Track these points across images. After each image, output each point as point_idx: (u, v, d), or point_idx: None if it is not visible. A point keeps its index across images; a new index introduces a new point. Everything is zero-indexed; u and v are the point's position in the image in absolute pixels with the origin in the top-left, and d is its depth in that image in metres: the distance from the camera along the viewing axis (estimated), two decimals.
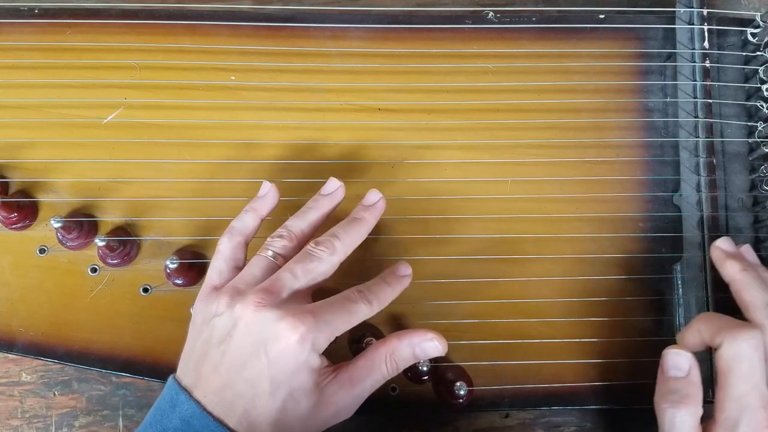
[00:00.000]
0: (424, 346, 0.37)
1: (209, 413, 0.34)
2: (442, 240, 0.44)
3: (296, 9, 0.50)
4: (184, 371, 0.36)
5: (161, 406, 0.35)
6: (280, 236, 0.38)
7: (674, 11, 0.47)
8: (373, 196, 0.41)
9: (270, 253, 0.38)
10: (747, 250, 0.42)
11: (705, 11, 0.46)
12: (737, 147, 0.46)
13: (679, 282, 0.43)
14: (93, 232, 0.44)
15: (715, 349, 0.36)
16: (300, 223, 0.39)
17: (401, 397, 0.42)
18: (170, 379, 0.36)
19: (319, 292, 0.38)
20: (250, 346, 0.34)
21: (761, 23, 0.46)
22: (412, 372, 0.41)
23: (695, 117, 0.45)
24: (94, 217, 0.44)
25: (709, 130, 0.44)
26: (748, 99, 0.46)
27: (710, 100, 0.45)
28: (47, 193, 0.44)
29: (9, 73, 0.46)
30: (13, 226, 0.43)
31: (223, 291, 0.36)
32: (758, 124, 0.45)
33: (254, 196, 0.41)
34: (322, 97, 0.46)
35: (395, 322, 0.43)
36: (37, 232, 0.44)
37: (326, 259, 0.37)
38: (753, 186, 0.45)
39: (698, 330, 0.38)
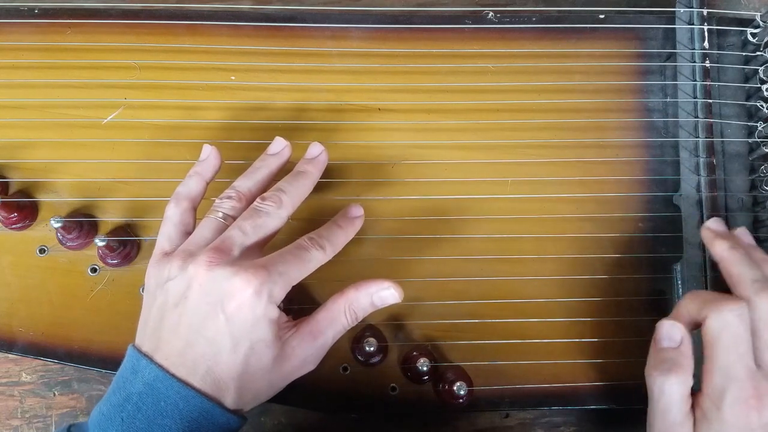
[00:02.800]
0: (381, 294, 0.37)
1: (172, 375, 0.34)
2: (442, 240, 0.44)
3: (296, 9, 0.50)
4: (142, 339, 0.36)
5: (123, 374, 0.35)
6: (229, 197, 0.39)
7: (674, 11, 0.47)
8: (316, 149, 0.41)
9: (220, 214, 0.38)
10: (742, 232, 0.42)
11: (705, 11, 0.46)
12: (737, 147, 0.46)
13: (679, 282, 0.43)
14: (93, 232, 0.44)
15: (702, 324, 0.37)
16: (248, 182, 0.39)
17: (401, 397, 0.42)
18: (129, 348, 0.36)
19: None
20: (206, 305, 0.34)
21: (761, 23, 0.46)
22: (412, 372, 0.41)
23: (695, 117, 0.45)
24: (94, 217, 0.44)
25: (709, 130, 0.44)
26: (748, 99, 0.46)
27: (710, 100, 0.45)
28: (47, 193, 0.44)
29: (9, 73, 0.46)
30: (13, 226, 0.43)
31: (175, 255, 0.36)
32: (758, 124, 0.45)
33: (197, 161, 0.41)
34: (322, 97, 0.46)
35: (396, 321, 0.43)
36: (37, 232, 0.44)
37: (274, 214, 0.37)
38: (753, 186, 0.45)
39: (687, 307, 0.38)
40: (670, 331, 0.38)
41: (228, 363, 0.34)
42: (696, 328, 0.38)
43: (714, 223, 0.42)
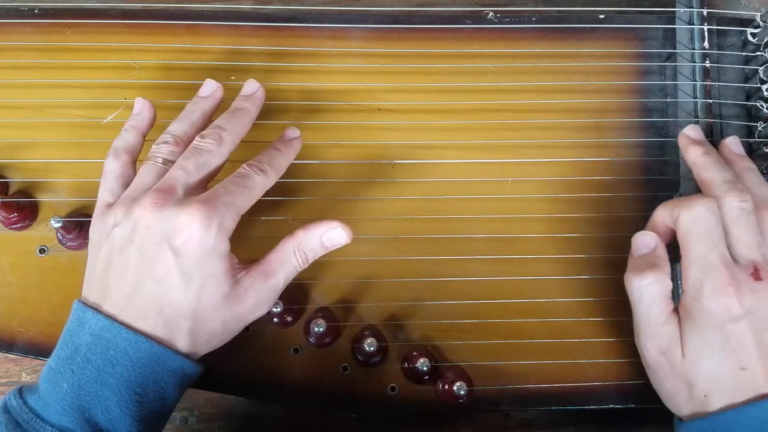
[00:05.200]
0: (330, 234, 0.37)
1: (120, 322, 0.34)
2: (442, 240, 0.44)
3: (296, 9, 0.51)
4: (88, 290, 0.36)
5: (69, 328, 0.35)
6: (165, 142, 0.38)
7: (674, 11, 0.47)
8: (252, 85, 0.41)
9: (159, 159, 0.38)
10: (732, 141, 0.42)
11: (705, 11, 0.46)
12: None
13: (679, 282, 0.43)
14: None
15: (676, 225, 0.38)
16: (182, 126, 0.39)
17: (401, 397, 0.42)
18: (74, 302, 0.36)
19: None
20: (153, 245, 0.34)
21: (761, 23, 0.46)
22: (412, 372, 0.41)
23: (695, 117, 0.45)
24: None
25: (709, 130, 0.44)
26: (748, 99, 0.46)
27: (710, 100, 0.45)
28: (47, 193, 0.44)
29: (9, 73, 0.46)
30: (13, 226, 0.43)
31: (118, 203, 0.36)
32: (758, 124, 0.45)
33: (131, 115, 0.41)
34: (322, 97, 0.46)
35: (396, 321, 0.43)
36: (37, 232, 0.44)
37: (215, 151, 0.37)
38: None
39: (659, 215, 0.39)
40: (644, 240, 0.39)
41: (179, 300, 0.34)
42: (672, 240, 0.39)
43: (691, 131, 0.42)
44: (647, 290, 0.37)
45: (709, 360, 0.35)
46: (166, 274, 0.34)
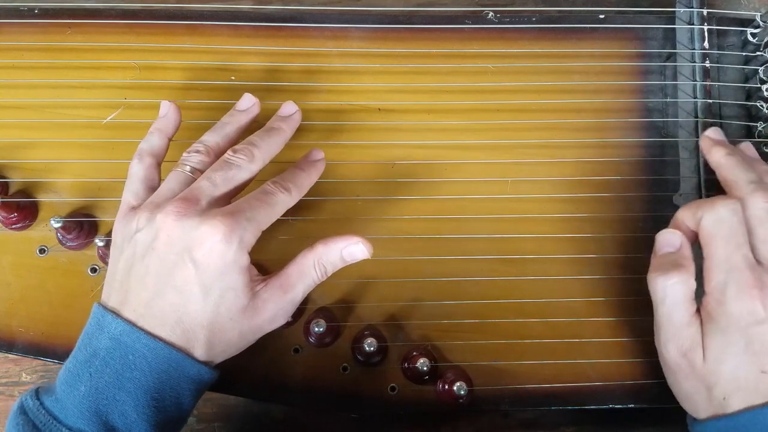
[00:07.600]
0: (350, 249, 0.37)
1: (140, 328, 0.34)
2: (442, 240, 0.44)
3: (296, 9, 0.51)
4: (108, 294, 0.36)
5: (88, 331, 0.35)
6: (197, 151, 0.38)
7: (674, 11, 0.47)
8: (290, 107, 0.41)
9: (188, 168, 0.38)
10: (746, 146, 0.42)
11: (705, 11, 0.46)
12: None
13: None
14: (93, 232, 0.44)
15: (699, 227, 0.37)
16: (216, 137, 0.39)
17: (401, 397, 0.42)
18: (94, 305, 0.36)
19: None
20: (174, 254, 0.34)
21: (761, 23, 0.46)
22: (412, 372, 0.41)
23: (695, 117, 0.45)
24: (94, 217, 0.44)
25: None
26: (748, 99, 0.46)
27: (710, 100, 0.45)
28: (47, 193, 0.44)
29: (9, 73, 0.46)
30: (13, 226, 0.43)
31: (142, 208, 0.36)
32: (758, 124, 0.45)
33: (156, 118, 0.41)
34: (322, 97, 0.46)
35: (396, 321, 0.43)
36: (37, 232, 0.44)
37: (245, 167, 0.37)
38: None
39: (682, 216, 0.39)
40: (669, 238, 0.38)
41: (198, 312, 0.34)
42: (695, 241, 0.38)
43: (713, 132, 0.42)
44: (672, 290, 0.37)
45: (731, 363, 0.35)
46: (185, 285, 0.34)
